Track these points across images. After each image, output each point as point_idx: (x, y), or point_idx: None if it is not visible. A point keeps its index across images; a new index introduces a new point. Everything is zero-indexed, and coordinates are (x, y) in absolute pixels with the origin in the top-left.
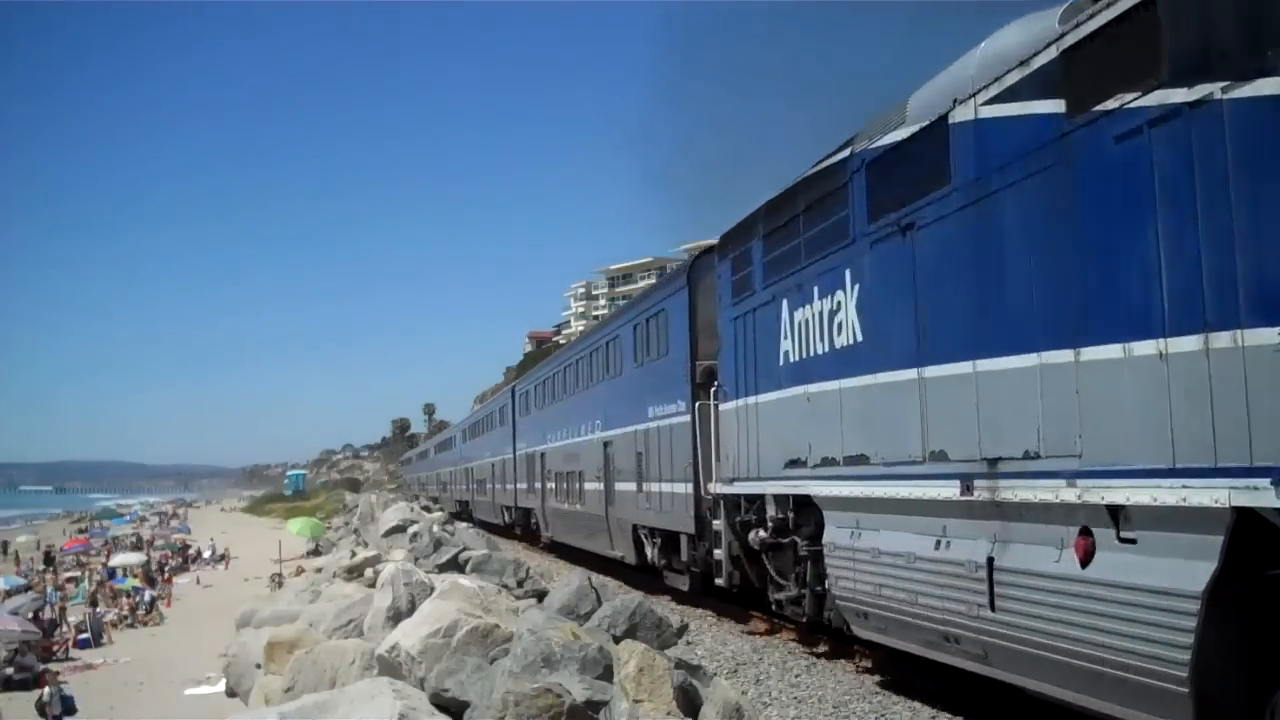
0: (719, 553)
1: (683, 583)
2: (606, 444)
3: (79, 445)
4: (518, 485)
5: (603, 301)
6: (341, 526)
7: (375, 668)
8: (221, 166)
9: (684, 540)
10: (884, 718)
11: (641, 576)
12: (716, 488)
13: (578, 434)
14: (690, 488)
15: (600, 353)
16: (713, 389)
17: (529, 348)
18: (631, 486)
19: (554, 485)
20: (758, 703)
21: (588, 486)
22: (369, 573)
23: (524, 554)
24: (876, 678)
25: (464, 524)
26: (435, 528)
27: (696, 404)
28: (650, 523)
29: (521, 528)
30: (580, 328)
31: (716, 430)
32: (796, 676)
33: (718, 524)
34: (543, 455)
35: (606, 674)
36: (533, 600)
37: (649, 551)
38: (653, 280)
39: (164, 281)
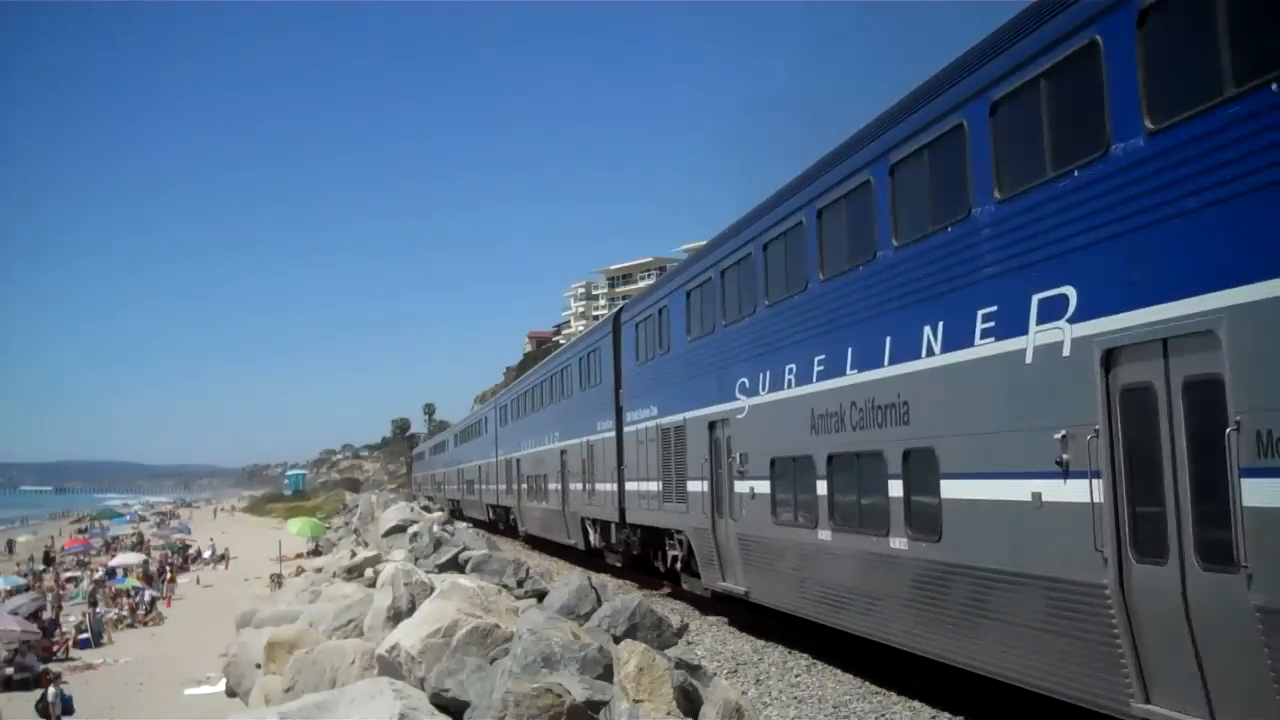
0: None
1: None
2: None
3: (79, 445)
4: (624, 485)
5: (603, 301)
6: (341, 526)
7: (375, 668)
8: (222, 166)
9: None
10: (884, 718)
11: None
12: None
13: (893, 358)
14: None
15: None
16: None
17: (529, 348)
18: None
19: (751, 486)
20: (758, 703)
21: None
22: (369, 573)
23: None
24: (876, 678)
25: (462, 523)
26: (435, 528)
27: None
28: None
29: (632, 559)
30: (580, 328)
31: None
32: (796, 676)
33: None
34: (742, 417)
35: (606, 674)
36: (533, 600)
37: None
38: (652, 280)
39: (164, 281)
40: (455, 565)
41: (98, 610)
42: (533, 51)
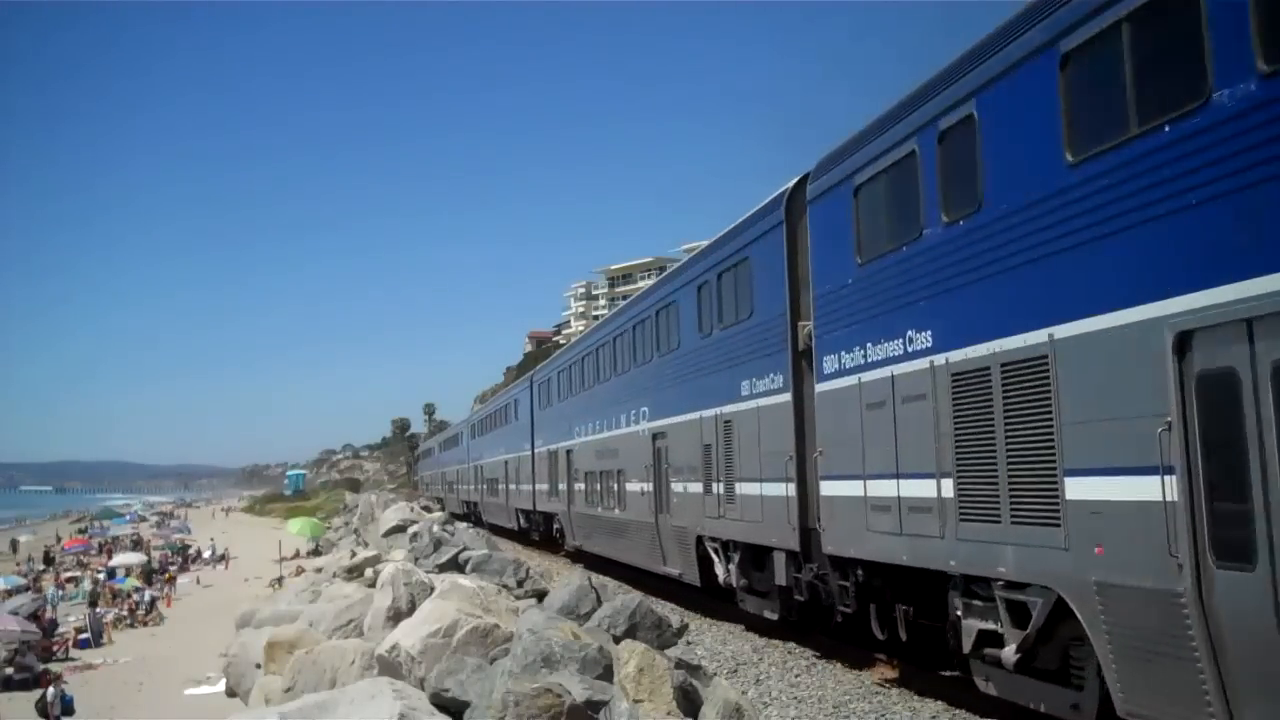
0: None
1: None
2: None
3: (79, 445)
4: (818, 487)
5: (603, 301)
6: (341, 527)
7: (375, 668)
8: (222, 165)
9: None
10: (884, 718)
11: None
12: None
13: None
14: None
15: None
16: None
17: (529, 348)
18: None
19: None
20: (758, 703)
21: None
22: (369, 573)
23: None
24: (876, 678)
25: (464, 524)
26: (435, 528)
27: None
28: None
29: (796, 610)
30: (580, 328)
31: None
32: (796, 676)
33: None
34: None
35: (606, 674)
36: (533, 600)
37: None
38: (652, 280)
39: (165, 281)
40: (455, 565)
41: (98, 610)
42: (533, 50)
